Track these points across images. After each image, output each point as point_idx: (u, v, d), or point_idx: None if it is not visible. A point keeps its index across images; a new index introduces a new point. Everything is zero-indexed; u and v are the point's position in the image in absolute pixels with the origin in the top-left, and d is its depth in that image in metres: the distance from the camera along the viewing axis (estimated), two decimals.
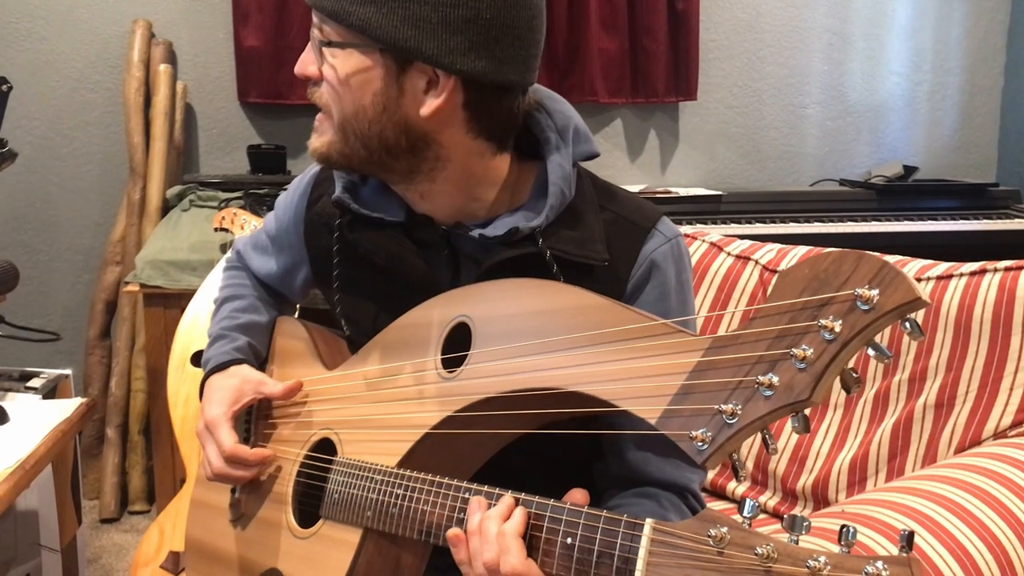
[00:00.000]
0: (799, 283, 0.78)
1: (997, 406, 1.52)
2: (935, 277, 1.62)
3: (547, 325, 0.96)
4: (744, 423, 0.78)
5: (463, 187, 1.11)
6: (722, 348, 0.82)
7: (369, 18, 1.02)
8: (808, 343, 0.76)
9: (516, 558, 0.90)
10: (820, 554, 0.71)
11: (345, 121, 1.08)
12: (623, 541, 0.83)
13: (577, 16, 3.18)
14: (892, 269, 0.74)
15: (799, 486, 1.68)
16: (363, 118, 1.07)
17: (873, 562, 0.69)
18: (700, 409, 0.81)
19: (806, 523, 0.75)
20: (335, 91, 1.08)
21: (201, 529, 1.34)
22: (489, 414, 1.00)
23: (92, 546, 2.68)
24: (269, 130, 3.17)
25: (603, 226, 1.12)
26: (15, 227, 3.07)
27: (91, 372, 2.96)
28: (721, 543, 0.77)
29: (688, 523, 0.80)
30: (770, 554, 0.74)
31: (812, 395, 0.75)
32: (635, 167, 3.42)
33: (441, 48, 1.02)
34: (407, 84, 1.05)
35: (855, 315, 0.74)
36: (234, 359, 1.28)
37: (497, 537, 0.91)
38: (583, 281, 1.02)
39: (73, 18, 3.01)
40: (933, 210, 3.13)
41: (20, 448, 1.53)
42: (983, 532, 1.21)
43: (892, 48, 3.51)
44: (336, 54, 1.06)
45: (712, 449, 0.80)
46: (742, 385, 0.79)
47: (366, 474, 1.08)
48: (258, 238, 1.40)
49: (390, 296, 1.17)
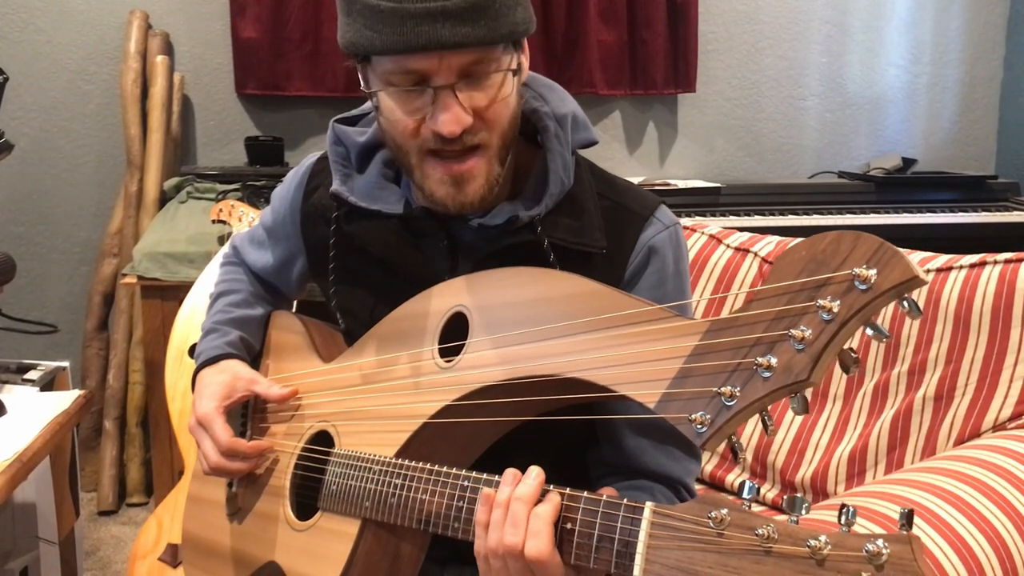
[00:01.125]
0: (797, 264, 0.78)
1: (996, 398, 1.51)
2: (935, 269, 1.62)
3: (544, 313, 0.96)
4: (743, 405, 0.78)
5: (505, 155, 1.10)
6: (720, 331, 0.82)
7: (523, 20, 1.01)
8: (806, 324, 0.76)
9: (544, 543, 0.87)
10: (821, 533, 0.72)
11: (508, 139, 1.05)
12: (623, 525, 0.83)
13: (576, 8, 3.17)
14: (889, 248, 0.74)
15: (798, 478, 1.67)
16: (515, 123, 1.06)
17: (874, 540, 0.69)
18: (699, 392, 0.81)
19: (805, 504, 0.75)
20: (505, 113, 1.04)
21: (198, 524, 1.33)
22: (487, 402, 1.00)
23: (90, 538, 2.68)
24: (267, 122, 3.16)
25: (601, 214, 1.12)
26: (12, 219, 3.06)
27: (88, 364, 2.96)
28: (721, 525, 0.77)
29: (688, 505, 0.80)
30: (770, 534, 0.74)
31: (811, 375, 0.75)
32: (634, 159, 3.41)
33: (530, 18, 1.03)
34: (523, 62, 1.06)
35: (853, 295, 0.74)
36: (225, 353, 1.28)
37: (529, 520, 0.89)
38: (581, 269, 1.02)
39: (69, 9, 3.00)
40: (932, 202, 3.13)
41: (17, 441, 1.53)
42: (982, 524, 1.21)
43: (891, 40, 3.50)
44: (508, 76, 1.02)
45: (711, 431, 0.80)
46: (740, 367, 0.79)
47: (364, 465, 1.08)
48: (254, 232, 1.40)
49: (387, 288, 1.16)
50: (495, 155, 1.04)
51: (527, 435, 1.04)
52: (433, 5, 0.94)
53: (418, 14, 0.94)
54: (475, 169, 1.03)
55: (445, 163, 1.03)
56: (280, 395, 1.22)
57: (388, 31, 0.96)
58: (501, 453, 1.07)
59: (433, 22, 0.94)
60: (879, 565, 0.68)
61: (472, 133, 1.01)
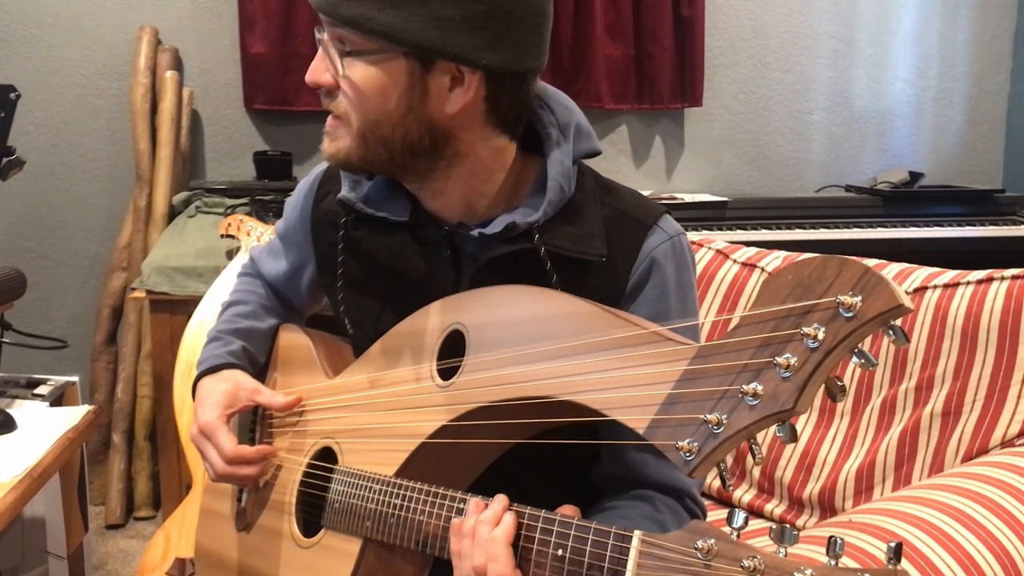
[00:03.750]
0: (783, 289, 0.77)
1: (1004, 414, 1.51)
2: (942, 285, 1.62)
3: (540, 332, 0.96)
4: (729, 433, 0.78)
5: (475, 182, 1.11)
6: (708, 356, 0.81)
7: (392, 23, 1.01)
8: (792, 351, 0.75)
9: (503, 565, 0.89)
10: (807, 566, 0.71)
11: (367, 127, 1.07)
12: (612, 553, 0.84)
13: (583, 23, 3.19)
14: (874, 275, 0.73)
15: (806, 494, 1.67)
16: (387, 122, 1.06)
17: (860, 574, 0.68)
18: (686, 419, 0.81)
19: (795, 533, 0.74)
20: (357, 99, 1.06)
21: (210, 537, 1.34)
22: (483, 423, 1.00)
23: (98, 552, 2.68)
24: (275, 136, 3.17)
25: (603, 221, 1.11)
26: (22, 233, 3.08)
27: (97, 378, 2.97)
28: (708, 555, 0.76)
29: (676, 535, 0.80)
30: (756, 567, 0.73)
31: (796, 405, 0.75)
32: (640, 173, 3.41)
33: (466, 45, 1.02)
34: (432, 84, 1.04)
35: (838, 323, 0.73)
36: (227, 363, 1.28)
37: (487, 543, 0.91)
38: (580, 276, 1.02)
39: (80, 25, 3.02)
40: (939, 216, 3.13)
41: (28, 456, 1.53)
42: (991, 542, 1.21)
43: (898, 54, 3.50)
44: (356, 62, 1.05)
45: (699, 460, 0.80)
46: (727, 394, 0.79)
47: (365, 483, 1.08)
48: (271, 243, 1.41)
49: (393, 295, 1.17)
50: (357, 134, 1.08)
51: (528, 450, 1.04)
52: None
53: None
54: (335, 131, 1.09)
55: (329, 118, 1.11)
56: (283, 404, 1.23)
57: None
58: (502, 469, 1.08)
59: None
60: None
61: (331, 98, 1.08)
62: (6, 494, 1.40)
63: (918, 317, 1.61)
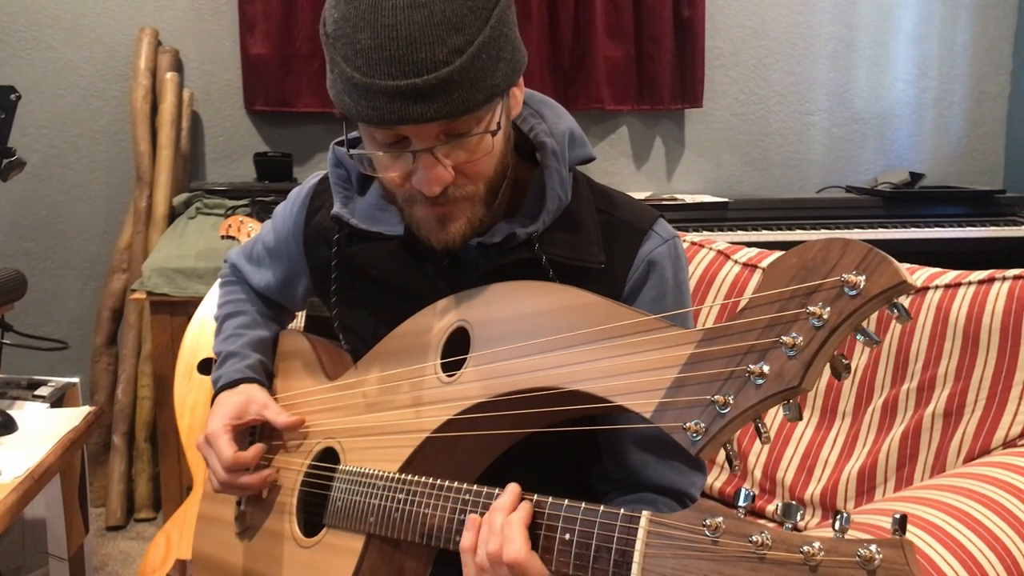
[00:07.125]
0: (788, 272, 0.79)
1: (1006, 415, 1.51)
2: (943, 286, 1.61)
3: (543, 325, 0.97)
4: (736, 412, 0.79)
5: (493, 198, 1.10)
6: (714, 339, 0.82)
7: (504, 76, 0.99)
8: (797, 330, 0.77)
9: (519, 546, 0.90)
10: (814, 539, 0.72)
11: (492, 183, 1.06)
12: (620, 535, 0.84)
13: (583, 24, 3.19)
14: (878, 254, 0.74)
15: (807, 495, 1.67)
16: (501, 168, 1.06)
17: (866, 545, 0.69)
18: (693, 400, 0.82)
19: (800, 511, 0.75)
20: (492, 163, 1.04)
21: (208, 543, 1.34)
22: (488, 416, 1.00)
23: (98, 554, 2.68)
24: (275, 138, 3.17)
25: (600, 229, 1.12)
26: (22, 235, 3.08)
27: (97, 379, 2.97)
28: (716, 532, 0.78)
29: (683, 514, 0.81)
30: (764, 541, 0.74)
31: (802, 381, 0.76)
32: (641, 174, 3.41)
33: (515, 62, 1.02)
34: (510, 110, 1.05)
35: (843, 301, 0.75)
36: (245, 377, 1.29)
37: (503, 527, 0.91)
38: (580, 284, 1.02)
39: (80, 26, 3.02)
40: (940, 217, 3.13)
41: (28, 458, 1.53)
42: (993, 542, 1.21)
43: (898, 55, 3.51)
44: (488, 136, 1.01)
45: (706, 440, 0.81)
46: (733, 375, 0.80)
47: (368, 480, 1.09)
48: (253, 249, 1.40)
49: (389, 309, 1.17)
50: (481, 200, 1.05)
51: (530, 449, 1.05)
52: (403, 83, 0.93)
53: (388, 91, 0.93)
54: (459, 211, 1.04)
55: (430, 206, 1.04)
56: (286, 423, 1.23)
57: (363, 103, 0.96)
58: (505, 468, 1.08)
59: (404, 100, 0.93)
60: (872, 570, 0.69)
61: (457, 187, 1.02)
62: (7, 495, 1.40)
63: (919, 318, 1.61)
